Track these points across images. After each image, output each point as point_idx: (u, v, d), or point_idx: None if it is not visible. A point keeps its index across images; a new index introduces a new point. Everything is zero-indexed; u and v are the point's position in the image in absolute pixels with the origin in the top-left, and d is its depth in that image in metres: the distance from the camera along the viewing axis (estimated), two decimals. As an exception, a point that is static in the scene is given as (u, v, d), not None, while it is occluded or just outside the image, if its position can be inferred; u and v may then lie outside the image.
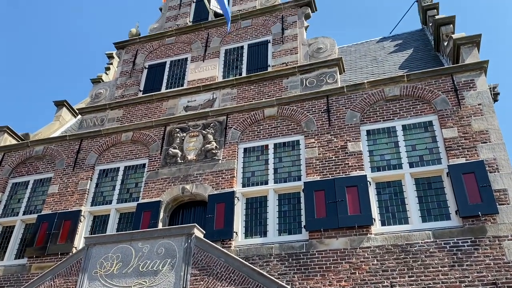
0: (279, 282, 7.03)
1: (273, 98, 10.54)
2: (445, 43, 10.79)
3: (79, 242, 10.10)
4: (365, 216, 8.26)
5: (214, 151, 10.21)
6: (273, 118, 10.38)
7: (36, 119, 37.63)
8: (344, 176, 8.86)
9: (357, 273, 7.80)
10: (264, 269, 8.24)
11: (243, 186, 9.67)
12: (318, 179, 9.01)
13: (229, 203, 9.29)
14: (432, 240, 7.73)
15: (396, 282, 7.54)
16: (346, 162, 9.04)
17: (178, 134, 10.84)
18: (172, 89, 12.07)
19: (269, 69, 11.41)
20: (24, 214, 11.25)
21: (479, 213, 7.66)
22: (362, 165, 8.92)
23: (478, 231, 7.59)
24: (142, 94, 12.41)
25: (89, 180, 11.01)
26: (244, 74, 11.66)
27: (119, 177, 10.89)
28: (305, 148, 9.56)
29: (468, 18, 33.38)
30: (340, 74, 10.99)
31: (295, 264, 8.23)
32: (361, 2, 40.46)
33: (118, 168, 11.06)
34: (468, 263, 7.37)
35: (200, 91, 11.61)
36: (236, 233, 9.01)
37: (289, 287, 7.56)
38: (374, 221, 8.27)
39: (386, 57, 12.43)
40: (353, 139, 9.29)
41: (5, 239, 11.04)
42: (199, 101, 11.47)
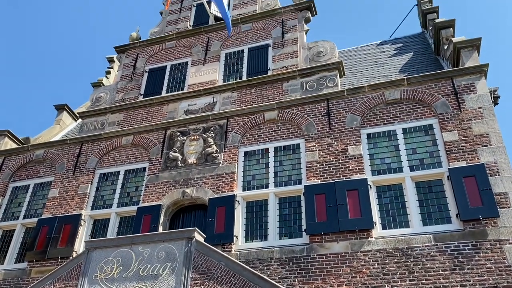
0: (280, 286, 7.02)
1: (274, 102, 10.56)
2: (445, 47, 10.80)
3: (80, 246, 10.09)
4: (366, 220, 8.25)
5: (215, 155, 10.21)
6: (274, 122, 10.39)
7: (37, 123, 37.72)
8: (345, 180, 8.85)
9: (358, 277, 7.78)
10: (265, 273, 8.22)
11: (244, 190, 9.66)
12: (319, 183, 9.00)
13: (230, 207, 9.28)
14: (433, 244, 7.72)
15: (397, 286, 7.52)
16: (347, 166, 9.04)
17: (179, 138, 10.85)
18: (173, 93, 12.09)
19: (270, 73, 11.43)
20: (25, 218, 11.24)
21: (480, 217, 7.65)
22: (363, 169, 8.92)
23: (479, 235, 7.58)
24: (143, 98, 12.42)
25: (90, 184, 11.01)
26: (245, 78, 11.68)
27: (120, 181, 10.89)
28: (306, 152, 9.56)
29: (468, 22, 33.46)
30: (341, 78, 11.01)
31: (296, 268, 8.21)
32: (361, 6, 40.59)
33: (119, 172, 11.07)
34: (469, 267, 7.36)
35: (201, 95, 11.63)
36: (237, 237, 8.99)
37: (290, 291, 7.55)
38: (375, 225, 8.26)
39: (386, 61, 12.45)
40: (354, 143, 9.29)
41: (5, 243, 11.03)
42: (200, 105, 11.48)
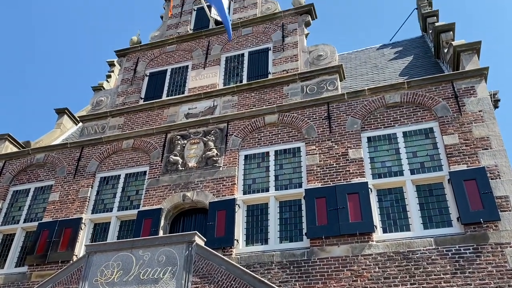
0: (281, 290, 7.01)
1: (274, 105, 10.56)
2: (445, 50, 10.81)
3: (80, 250, 10.07)
4: (367, 223, 8.24)
5: (215, 158, 10.20)
6: (274, 125, 10.39)
7: (37, 127, 37.74)
8: (345, 183, 8.84)
9: (359, 281, 7.76)
10: (265, 277, 8.20)
11: (244, 193, 9.65)
12: (319, 186, 8.99)
13: (230, 211, 9.27)
14: (434, 247, 7.70)
15: (398, 290, 7.50)
16: (347, 169, 9.04)
17: (179, 142, 10.85)
18: (173, 97, 12.10)
19: (270, 76, 11.44)
20: (25, 222, 11.23)
21: (481, 220, 7.64)
22: (363, 172, 8.91)
23: (480, 238, 7.56)
24: (143, 102, 12.44)
25: (90, 188, 11.01)
26: (245, 82, 11.69)
27: (120, 185, 10.89)
28: (306, 155, 9.56)
29: (468, 25, 33.52)
30: (341, 81, 11.02)
31: (297, 272, 8.19)
32: (361, 10, 40.68)
33: (119, 176, 11.06)
34: (470, 270, 7.34)
35: (201, 99, 11.64)
36: (237, 241, 8.98)
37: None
38: (376, 228, 8.25)
39: (387, 64, 12.46)
40: (354, 146, 9.29)
41: (6, 247, 11.02)
42: (200, 108, 11.49)
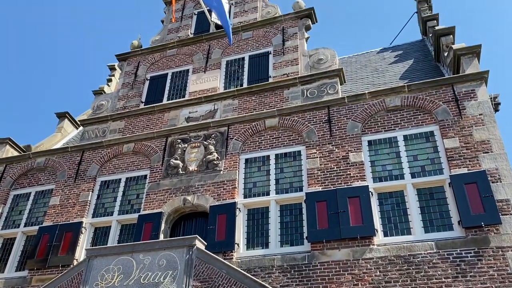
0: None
1: (274, 109, 10.57)
2: (445, 54, 10.83)
3: (80, 254, 10.05)
4: (368, 227, 8.22)
5: (216, 162, 10.20)
6: (274, 129, 10.39)
7: (38, 131, 37.78)
8: (346, 187, 8.83)
9: (360, 285, 7.74)
10: (266, 281, 8.18)
11: (245, 197, 9.64)
12: (320, 190, 8.99)
13: (231, 214, 9.25)
14: (435, 251, 7.68)
15: (399, 294, 7.48)
16: (348, 173, 9.03)
17: (180, 145, 10.85)
18: (174, 100, 12.12)
19: (270, 80, 11.46)
20: (25, 226, 11.21)
21: (482, 224, 7.62)
22: (364, 176, 8.90)
23: (481, 242, 7.54)
24: (144, 106, 12.45)
25: (91, 192, 11.00)
26: (245, 85, 11.71)
27: (121, 189, 10.88)
28: (307, 159, 9.55)
29: (468, 29, 33.57)
30: (341, 85, 11.03)
31: (297, 276, 8.17)
32: (361, 14, 40.77)
33: (120, 180, 11.06)
34: (472, 274, 7.31)
35: (202, 102, 11.65)
36: (238, 245, 8.96)
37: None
38: (377, 232, 8.23)
39: (387, 68, 12.48)
40: (355, 150, 9.29)
41: (6, 251, 11.00)
42: (201, 112, 11.50)
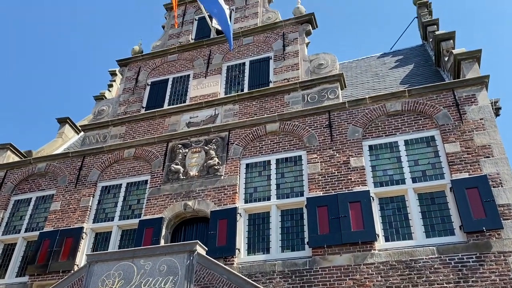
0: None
1: (275, 114, 10.58)
2: (446, 59, 10.85)
3: (81, 260, 10.03)
4: (369, 232, 8.20)
5: (216, 167, 10.20)
6: (275, 134, 10.39)
7: (39, 136, 37.84)
8: (347, 192, 8.82)
9: (361, 290, 7.71)
10: (267, 287, 8.16)
11: (246, 202, 9.63)
12: (321, 195, 8.97)
13: (232, 220, 9.24)
14: (437, 256, 7.65)
15: (401, 299, 7.44)
16: (349, 178, 9.02)
17: (180, 150, 10.86)
18: (175, 106, 12.13)
19: (271, 85, 11.47)
20: (26, 232, 11.20)
21: (484, 228, 7.60)
22: (365, 181, 8.89)
23: (483, 247, 7.52)
24: (145, 111, 12.47)
25: (91, 197, 10.99)
26: (246, 90, 11.73)
27: (121, 194, 10.88)
28: (308, 164, 9.55)
29: (468, 33, 33.64)
30: (342, 90, 11.04)
31: (299, 281, 8.14)
32: (362, 19, 40.89)
33: (120, 185, 11.06)
34: (474, 279, 7.28)
35: (202, 107, 11.66)
36: (239, 250, 8.94)
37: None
38: (378, 237, 8.21)
39: (387, 73, 12.50)
40: (356, 154, 9.28)
41: (7, 257, 10.98)
42: (201, 117, 11.51)
